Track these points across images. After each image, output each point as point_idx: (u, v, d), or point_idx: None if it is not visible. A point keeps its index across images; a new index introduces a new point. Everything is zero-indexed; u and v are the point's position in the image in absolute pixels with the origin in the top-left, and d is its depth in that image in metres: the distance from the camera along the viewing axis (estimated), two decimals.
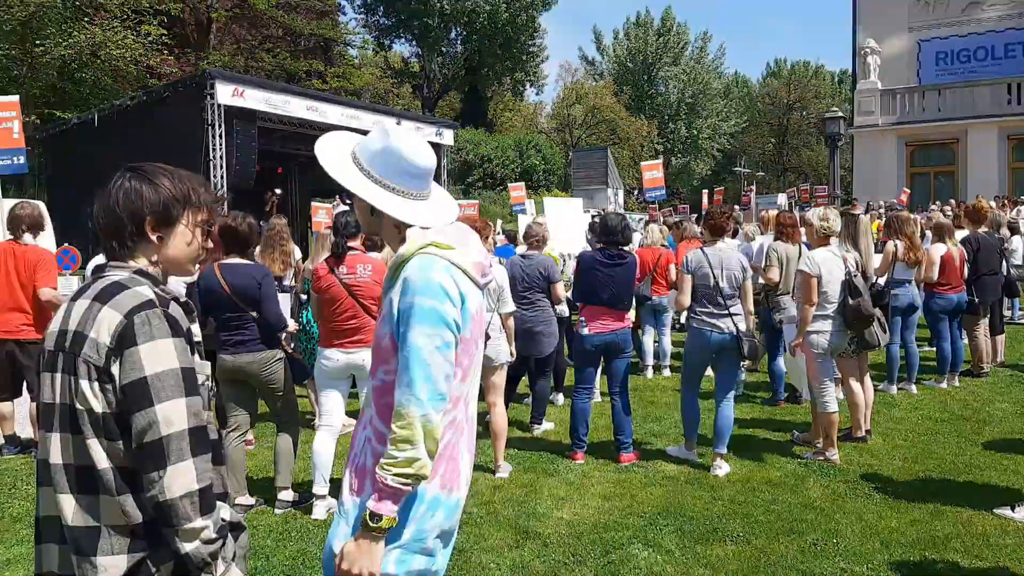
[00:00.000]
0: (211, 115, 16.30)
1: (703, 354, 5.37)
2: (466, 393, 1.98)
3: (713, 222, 5.38)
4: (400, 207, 1.94)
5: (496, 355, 5.21)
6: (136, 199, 1.74)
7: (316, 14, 31.58)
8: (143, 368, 1.60)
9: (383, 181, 1.94)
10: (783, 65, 57.93)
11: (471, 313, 1.91)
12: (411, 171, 1.96)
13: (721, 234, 5.40)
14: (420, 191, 1.99)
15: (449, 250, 1.88)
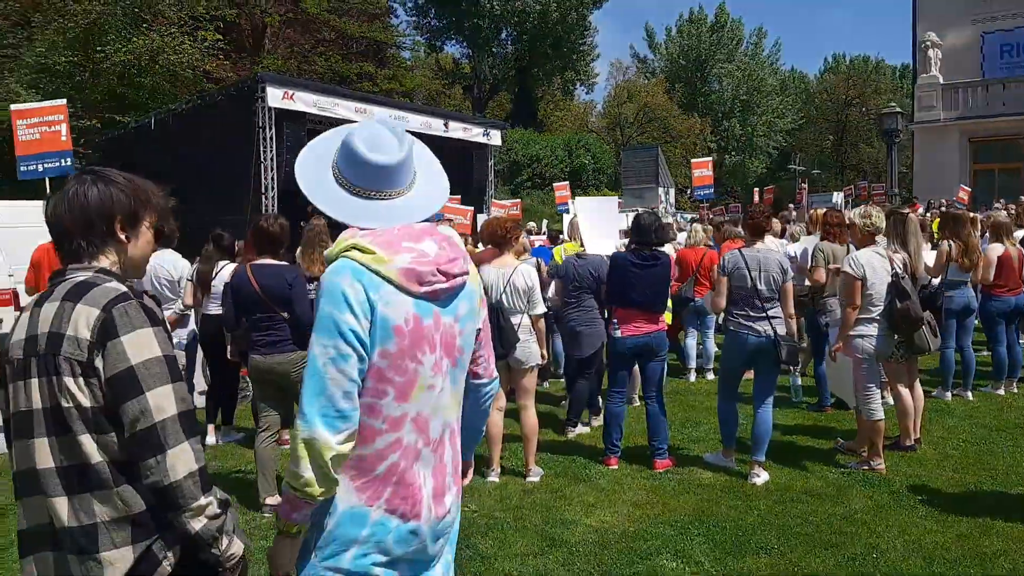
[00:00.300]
0: (262, 118, 16.61)
1: (740, 358, 5.21)
2: (416, 413, 1.79)
3: (753, 222, 5.21)
4: (337, 204, 1.78)
5: (527, 357, 5.14)
6: (107, 200, 1.77)
7: (367, 17, 31.95)
8: (128, 358, 1.63)
9: (341, 178, 1.82)
10: (841, 60, 56.51)
11: (393, 324, 1.72)
12: (362, 166, 1.79)
13: (761, 234, 5.23)
14: (377, 189, 1.81)
15: (368, 254, 1.72)
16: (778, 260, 5.08)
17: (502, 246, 5.14)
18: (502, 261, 5.11)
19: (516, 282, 5.03)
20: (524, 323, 5.11)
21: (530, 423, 5.22)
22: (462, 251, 1.87)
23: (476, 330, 1.97)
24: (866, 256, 5.17)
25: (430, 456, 1.85)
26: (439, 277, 1.78)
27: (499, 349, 4.87)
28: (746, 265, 5.03)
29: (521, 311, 5.08)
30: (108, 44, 23.21)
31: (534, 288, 5.11)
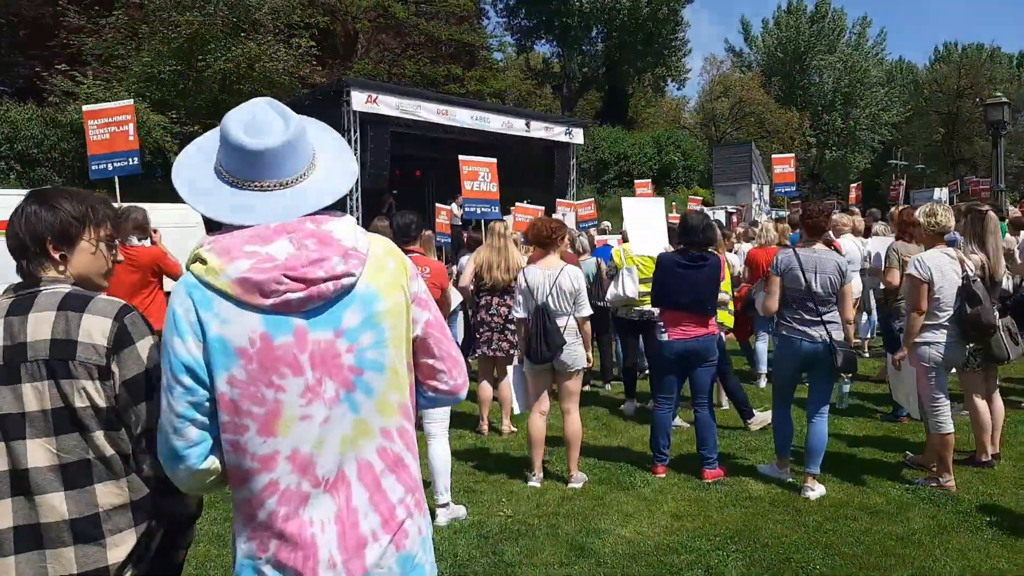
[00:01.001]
0: (347, 121, 17.03)
1: (793, 364, 4.95)
2: (291, 450, 1.50)
3: (811, 221, 4.93)
4: (207, 197, 1.55)
5: (572, 361, 5.03)
6: (36, 222, 1.87)
7: (456, 19, 32.30)
8: (143, 363, 1.81)
9: (220, 168, 1.56)
10: (953, 49, 53.33)
11: (235, 346, 1.46)
12: (236, 151, 1.52)
13: (819, 234, 4.94)
14: (253, 179, 1.54)
15: (201, 265, 1.48)
16: (836, 261, 4.80)
17: (547, 247, 5.05)
18: (548, 262, 5.03)
19: (562, 283, 4.94)
20: (570, 325, 5.01)
21: (573, 428, 5.12)
22: (341, 248, 1.52)
23: (408, 339, 1.65)
24: (933, 257, 4.82)
25: (325, 500, 1.53)
26: (289, 284, 1.46)
27: (545, 352, 4.82)
28: (800, 265, 4.78)
29: (567, 313, 4.98)
30: (208, 53, 24.36)
31: (580, 290, 5.01)
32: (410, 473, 1.67)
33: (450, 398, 1.81)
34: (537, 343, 4.85)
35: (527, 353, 4.94)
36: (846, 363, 4.73)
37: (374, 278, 1.58)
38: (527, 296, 5.00)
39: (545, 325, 4.84)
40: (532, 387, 5.14)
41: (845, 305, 4.84)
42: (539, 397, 5.13)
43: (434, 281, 4.47)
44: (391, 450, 1.62)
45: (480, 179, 10.07)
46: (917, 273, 4.79)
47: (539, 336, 4.85)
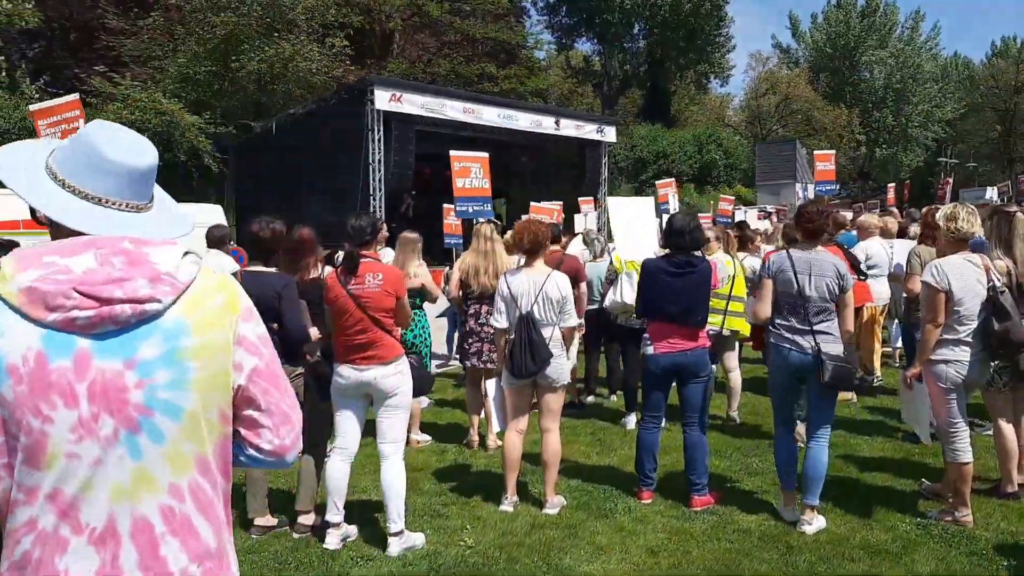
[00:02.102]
0: (370, 120, 16.84)
1: (784, 377, 4.47)
2: (52, 488, 1.30)
3: (809, 224, 4.44)
4: (47, 196, 1.40)
5: (557, 375, 4.63)
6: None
7: (493, 17, 32.03)
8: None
9: (63, 179, 1.42)
10: (1012, 44, 51.23)
11: (7, 362, 1.27)
12: (97, 166, 1.41)
13: (817, 237, 4.46)
14: (109, 195, 1.42)
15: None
16: (835, 266, 4.31)
17: (534, 252, 4.66)
18: (534, 268, 4.63)
19: (549, 291, 4.54)
20: (555, 336, 4.62)
21: (552, 448, 4.71)
22: (153, 271, 1.34)
23: (227, 385, 1.43)
24: (953, 264, 4.29)
25: (88, 553, 1.32)
26: (78, 300, 1.28)
27: (530, 365, 4.46)
28: (793, 268, 4.30)
29: (552, 323, 4.59)
30: (243, 54, 24.46)
31: (568, 298, 4.61)
32: (201, 539, 1.40)
33: (272, 460, 1.53)
34: (521, 356, 4.46)
35: (509, 367, 4.55)
36: (835, 379, 4.22)
37: (189, 311, 1.38)
38: (510, 304, 4.62)
39: (530, 336, 4.45)
40: (511, 403, 4.75)
41: (845, 316, 4.36)
42: (518, 414, 4.73)
43: (388, 288, 4.10)
44: (178, 511, 1.37)
45: (472, 175, 9.69)
46: (934, 281, 4.27)
47: (523, 348, 4.46)
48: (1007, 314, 4.14)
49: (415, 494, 5.01)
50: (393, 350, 4.18)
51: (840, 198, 42.66)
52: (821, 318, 4.29)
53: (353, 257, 4.13)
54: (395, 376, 4.16)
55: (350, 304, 4.09)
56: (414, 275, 6.04)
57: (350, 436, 4.27)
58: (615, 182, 33.79)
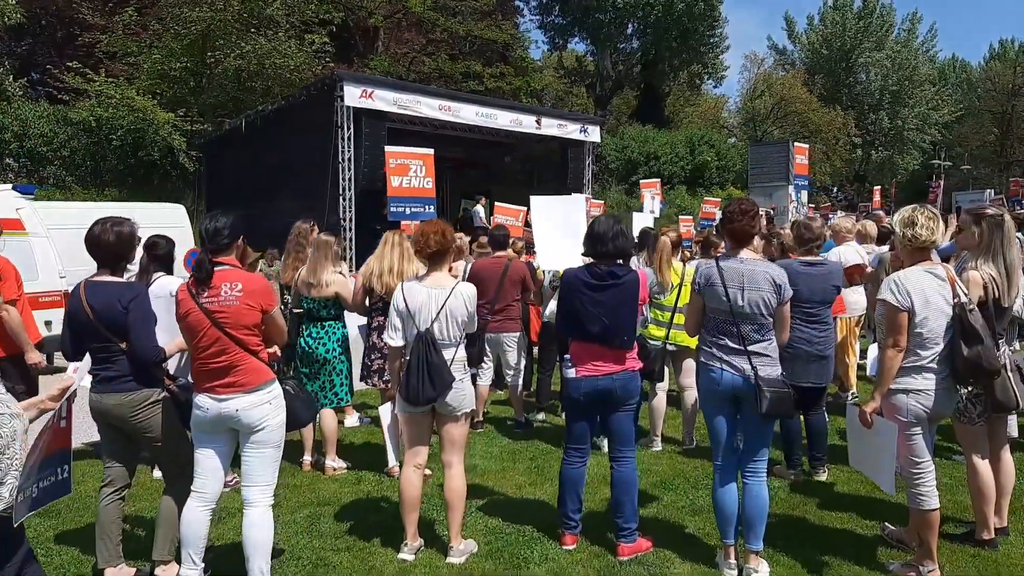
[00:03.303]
0: (340, 117, 16.21)
1: (716, 402, 3.87)
2: None
3: (733, 227, 3.83)
4: None
5: (459, 402, 4.03)
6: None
7: (480, 15, 31.42)
8: None
9: None
10: (1009, 46, 50.67)
11: None
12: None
13: (745, 242, 3.85)
14: None
15: None
16: (770, 275, 3.71)
17: (439, 258, 4.04)
18: (436, 279, 4.02)
19: (453, 307, 3.93)
20: (459, 358, 4.01)
21: (455, 486, 4.09)
22: None
23: None
24: (915, 277, 3.67)
25: None
26: None
27: (428, 391, 3.83)
28: (722, 279, 3.70)
29: (456, 343, 3.98)
30: (218, 49, 23.84)
31: (474, 313, 4.00)
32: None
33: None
34: (418, 380, 3.84)
35: (404, 393, 3.93)
36: (775, 405, 3.62)
37: None
38: (406, 320, 4.00)
39: (428, 358, 3.83)
40: (407, 433, 4.13)
41: (782, 330, 3.76)
42: (416, 445, 4.11)
43: (249, 301, 3.48)
44: None
45: (411, 174, 9.04)
46: (893, 298, 3.65)
47: (421, 371, 3.84)
48: (977, 337, 3.52)
49: (308, 536, 4.40)
50: (259, 375, 3.55)
51: (835, 201, 42.13)
52: (756, 337, 3.69)
53: (204, 264, 3.50)
54: (262, 407, 3.54)
55: (203, 321, 3.46)
56: (327, 283, 5.44)
57: (210, 479, 3.64)
58: (605, 183, 33.19)
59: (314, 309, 5.51)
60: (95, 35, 25.14)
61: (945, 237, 3.77)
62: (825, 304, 5.06)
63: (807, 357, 4.94)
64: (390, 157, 9.17)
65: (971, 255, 4.03)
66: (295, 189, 17.48)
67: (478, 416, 6.78)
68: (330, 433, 5.51)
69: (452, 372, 3.94)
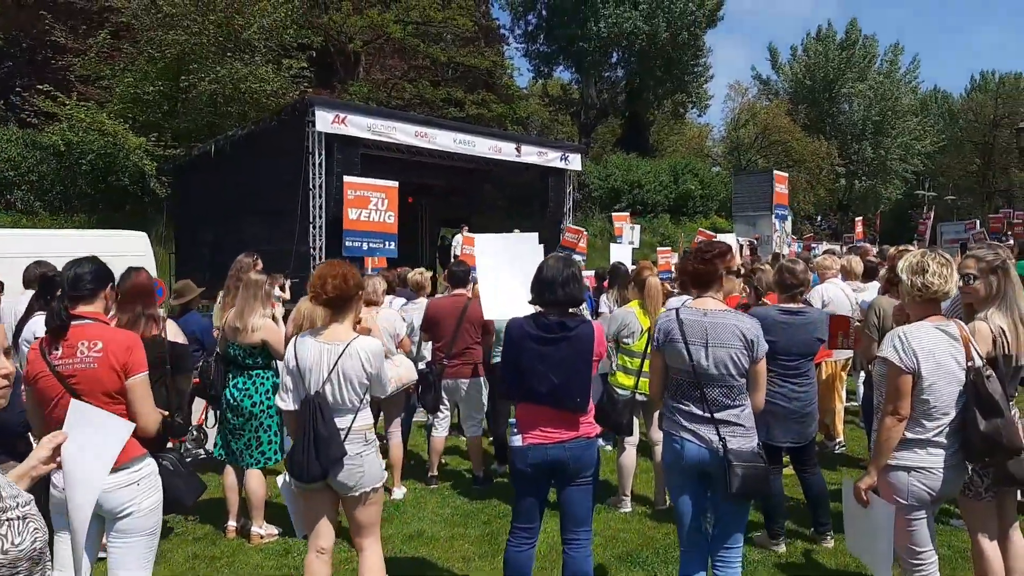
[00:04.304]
0: (311, 143, 15.68)
1: (681, 479, 3.33)
2: None
3: (692, 268, 3.31)
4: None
5: (356, 480, 3.46)
6: None
7: (462, 41, 31.16)
8: None
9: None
10: (990, 78, 51.10)
11: None
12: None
13: (706, 286, 3.33)
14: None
15: None
16: (739, 330, 3.18)
17: (340, 307, 3.47)
18: (334, 333, 3.45)
19: (346, 367, 3.37)
20: (359, 426, 3.43)
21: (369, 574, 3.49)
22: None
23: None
24: (924, 336, 3.13)
25: None
26: None
27: (313, 466, 3.24)
28: (682, 335, 3.16)
29: (353, 408, 3.41)
30: (192, 73, 23.34)
31: (378, 373, 3.44)
32: None
33: None
34: (303, 453, 3.26)
35: (288, 466, 3.36)
36: (746, 484, 3.07)
37: None
38: (297, 380, 3.43)
39: (315, 427, 3.25)
40: (305, 510, 3.53)
41: (756, 392, 3.22)
42: (317, 526, 3.51)
43: (110, 363, 2.89)
44: None
45: (372, 207, 8.45)
46: (897, 358, 3.11)
47: (306, 443, 3.26)
48: (996, 408, 2.98)
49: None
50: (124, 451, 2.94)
51: (819, 230, 42.02)
52: (725, 402, 3.15)
53: (59, 314, 2.91)
54: (128, 488, 2.95)
55: (55, 387, 2.87)
56: (254, 328, 4.85)
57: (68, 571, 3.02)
58: (589, 211, 32.83)
59: (239, 357, 4.92)
60: (68, 58, 24.64)
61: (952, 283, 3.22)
62: (807, 357, 4.53)
63: (786, 415, 4.41)
64: (348, 188, 8.60)
65: (980, 307, 3.50)
66: (264, 217, 16.89)
67: (432, 471, 6.19)
68: (256, 497, 4.90)
69: (346, 444, 3.36)
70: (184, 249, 20.72)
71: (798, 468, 4.82)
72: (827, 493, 4.85)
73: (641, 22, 40.04)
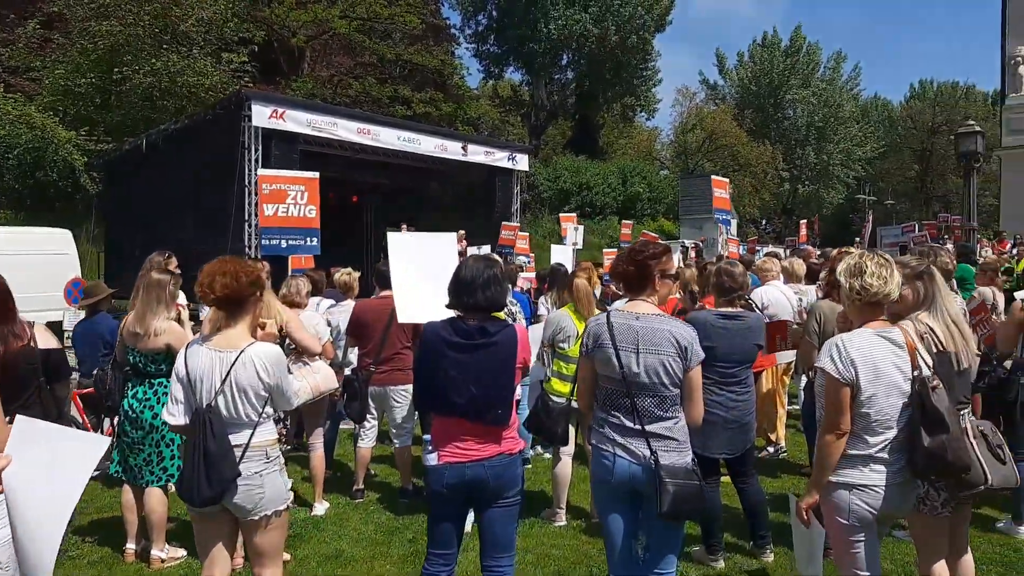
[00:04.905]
0: (247, 138, 15.11)
1: (610, 498, 3.07)
2: None
3: (622, 270, 3.06)
4: None
5: (255, 503, 3.12)
6: None
7: (410, 39, 30.71)
8: None
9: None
10: (928, 86, 52.58)
11: None
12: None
13: (638, 289, 3.07)
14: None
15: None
16: (672, 335, 2.93)
17: (233, 309, 3.13)
18: (227, 338, 3.11)
19: (240, 376, 3.02)
20: (259, 441, 3.08)
21: None
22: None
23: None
24: (863, 344, 2.91)
25: None
26: None
27: (203, 488, 2.88)
28: (612, 339, 2.90)
29: (251, 422, 3.06)
30: (127, 65, 22.45)
31: (279, 384, 3.10)
32: None
33: None
34: (193, 472, 2.91)
35: (177, 487, 3.00)
36: (677, 504, 2.82)
37: None
38: (186, 391, 3.08)
39: (205, 444, 2.90)
40: (199, 534, 3.17)
41: (692, 405, 2.97)
42: (211, 553, 3.15)
43: None
44: None
45: (290, 201, 8.04)
46: (834, 368, 2.88)
47: (196, 461, 2.91)
48: (942, 423, 2.77)
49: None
50: None
51: (763, 234, 42.58)
52: (657, 413, 2.89)
53: None
54: None
55: None
56: (157, 332, 4.44)
57: None
58: (538, 213, 32.67)
59: (140, 364, 4.50)
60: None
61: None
62: (744, 364, 4.31)
63: (723, 424, 4.19)
64: (263, 182, 8.16)
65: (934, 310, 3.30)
66: (199, 215, 16.24)
67: (357, 484, 5.82)
68: (157, 517, 4.48)
69: (243, 463, 3.02)
70: (114, 248, 19.88)
71: (735, 478, 4.61)
72: (766, 504, 4.65)
73: (591, 25, 40.10)
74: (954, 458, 2.77)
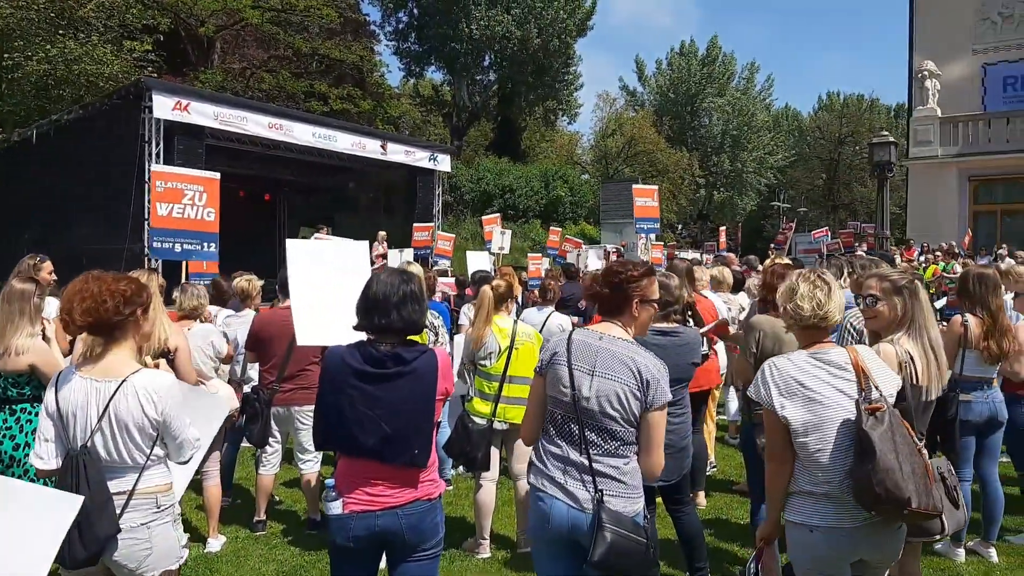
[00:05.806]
0: (148, 131, 14.17)
1: (547, 550, 2.70)
2: None
3: (597, 291, 2.71)
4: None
5: (139, 563, 2.65)
6: None
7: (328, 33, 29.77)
8: None
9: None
10: (835, 98, 54.66)
11: None
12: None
13: (613, 314, 2.74)
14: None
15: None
16: (634, 364, 2.58)
17: (109, 337, 2.61)
18: (107, 366, 2.60)
19: (121, 412, 2.51)
20: (145, 488, 2.59)
21: None
22: None
23: None
24: (791, 369, 2.61)
25: None
26: None
27: (76, 547, 2.36)
28: (568, 357, 2.54)
29: (135, 465, 2.57)
30: (18, 51, 20.91)
31: (169, 422, 2.60)
32: None
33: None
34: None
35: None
36: (610, 556, 2.45)
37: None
38: (58, 428, 2.55)
39: (79, 494, 2.39)
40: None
41: (649, 452, 2.62)
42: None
43: None
44: None
45: (186, 201, 7.41)
46: (767, 397, 2.58)
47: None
48: (870, 450, 2.46)
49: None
50: None
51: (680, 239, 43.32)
52: (606, 447, 2.53)
53: None
54: None
55: None
56: (19, 350, 3.82)
57: None
58: (460, 215, 32.22)
59: (0, 387, 3.87)
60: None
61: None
62: (682, 383, 4.01)
63: None
64: (156, 179, 7.47)
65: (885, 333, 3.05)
66: (95, 212, 15.18)
67: (259, 515, 5.27)
68: None
69: (127, 513, 2.55)
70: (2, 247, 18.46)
71: (671, 507, 4.31)
72: (702, 533, 4.37)
73: (513, 27, 39.91)
74: (883, 491, 2.44)
